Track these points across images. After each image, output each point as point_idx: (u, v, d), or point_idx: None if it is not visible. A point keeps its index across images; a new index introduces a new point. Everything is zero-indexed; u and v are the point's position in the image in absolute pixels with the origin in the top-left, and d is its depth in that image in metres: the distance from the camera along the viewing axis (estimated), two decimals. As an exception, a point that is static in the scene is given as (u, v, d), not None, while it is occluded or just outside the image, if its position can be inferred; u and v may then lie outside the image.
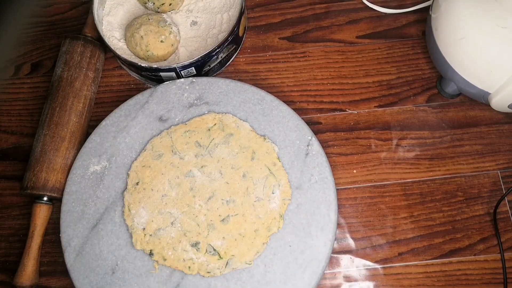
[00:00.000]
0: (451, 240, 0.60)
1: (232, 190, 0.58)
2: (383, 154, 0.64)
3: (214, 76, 0.68)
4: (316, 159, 0.59)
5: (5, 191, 0.64)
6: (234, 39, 0.65)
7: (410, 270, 0.59)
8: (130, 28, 0.64)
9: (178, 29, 0.67)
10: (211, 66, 0.65)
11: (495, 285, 0.58)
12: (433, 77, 0.67)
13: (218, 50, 0.63)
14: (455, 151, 0.64)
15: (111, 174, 0.60)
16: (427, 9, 0.68)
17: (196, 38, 0.67)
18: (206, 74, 0.66)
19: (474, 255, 0.59)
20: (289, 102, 0.65)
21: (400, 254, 0.59)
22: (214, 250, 0.56)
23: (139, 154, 0.60)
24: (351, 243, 0.60)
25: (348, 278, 0.59)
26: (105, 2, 0.68)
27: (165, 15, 0.67)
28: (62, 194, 0.60)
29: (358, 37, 0.70)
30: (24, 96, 0.69)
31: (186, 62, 0.61)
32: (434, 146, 0.64)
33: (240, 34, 0.67)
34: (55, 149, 0.61)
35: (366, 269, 0.59)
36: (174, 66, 0.61)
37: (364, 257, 0.60)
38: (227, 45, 0.64)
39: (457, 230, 0.60)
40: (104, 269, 0.56)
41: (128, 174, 0.60)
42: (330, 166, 0.59)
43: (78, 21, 0.73)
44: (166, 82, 0.63)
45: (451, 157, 0.63)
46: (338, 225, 0.61)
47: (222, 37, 0.66)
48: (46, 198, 0.60)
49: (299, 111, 0.65)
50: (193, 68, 0.63)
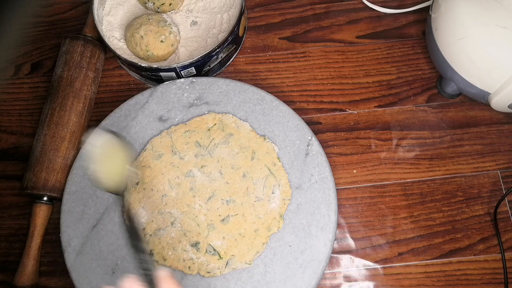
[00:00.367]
0: (451, 240, 0.60)
1: (232, 190, 0.58)
2: (383, 154, 0.64)
3: (214, 76, 0.68)
4: (316, 159, 0.59)
5: (5, 191, 0.64)
6: (234, 39, 0.65)
7: (410, 270, 0.59)
8: (130, 28, 0.64)
9: (178, 29, 0.67)
10: (211, 66, 0.65)
11: (495, 285, 0.58)
12: (433, 77, 0.67)
13: (218, 50, 0.63)
14: (455, 151, 0.64)
15: (111, 174, 0.60)
16: (427, 9, 0.68)
17: (196, 38, 0.67)
18: (206, 74, 0.66)
19: (474, 255, 0.59)
20: (289, 102, 0.65)
21: (400, 254, 0.59)
22: (214, 250, 0.56)
23: (139, 154, 0.60)
24: (351, 243, 0.60)
25: (348, 278, 0.59)
26: (105, 2, 0.68)
27: (165, 15, 0.67)
28: (62, 194, 0.60)
29: (358, 37, 0.70)
30: (24, 96, 0.69)
31: (186, 62, 0.61)
32: (434, 146, 0.64)
33: (240, 34, 0.67)
34: (55, 149, 0.61)
35: (366, 269, 0.59)
36: (174, 66, 0.61)
37: (364, 257, 0.60)
38: (227, 45, 0.64)
39: (457, 230, 0.60)
40: (104, 269, 0.56)
41: (128, 174, 0.60)
42: (330, 166, 0.59)
43: (78, 21, 0.73)
44: (166, 82, 0.63)
45: (451, 157, 0.63)
46: (338, 225, 0.61)
47: (222, 37, 0.66)
48: (46, 198, 0.60)
49: (299, 111, 0.65)
50: (193, 68, 0.63)
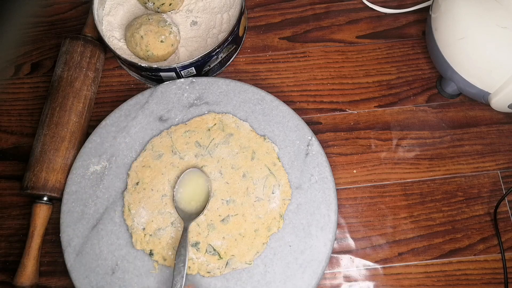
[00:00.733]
0: (451, 240, 0.60)
1: (232, 190, 0.58)
2: (383, 154, 0.64)
3: (214, 76, 0.68)
4: (316, 159, 0.59)
5: (5, 191, 0.64)
6: (234, 39, 0.65)
7: (410, 270, 0.59)
8: (130, 28, 0.64)
9: (178, 29, 0.67)
10: (211, 66, 0.65)
11: (495, 285, 0.58)
12: (433, 77, 0.67)
13: (218, 50, 0.63)
14: (455, 151, 0.64)
15: (111, 174, 0.60)
16: (427, 9, 0.68)
17: (196, 38, 0.67)
18: (206, 74, 0.66)
19: (474, 255, 0.59)
20: (289, 102, 0.65)
21: (400, 254, 0.59)
22: (214, 250, 0.56)
23: (139, 154, 0.60)
24: (351, 243, 0.60)
25: (348, 278, 0.59)
26: (105, 2, 0.68)
27: (165, 15, 0.67)
28: (62, 194, 0.60)
29: (358, 37, 0.70)
30: (24, 96, 0.69)
31: (186, 62, 0.61)
32: (434, 146, 0.64)
33: (240, 34, 0.67)
34: (55, 149, 0.61)
35: (366, 269, 0.59)
36: (174, 66, 0.61)
37: (364, 257, 0.60)
38: (227, 45, 0.64)
39: (457, 230, 0.60)
40: (104, 269, 0.56)
41: (128, 174, 0.60)
42: (330, 166, 0.59)
43: (78, 21, 0.73)
44: (166, 82, 0.63)
45: (451, 157, 0.63)
46: (338, 225, 0.61)
47: (222, 37, 0.66)
48: (46, 198, 0.60)
49: (299, 111, 0.65)
50: (193, 68, 0.63)
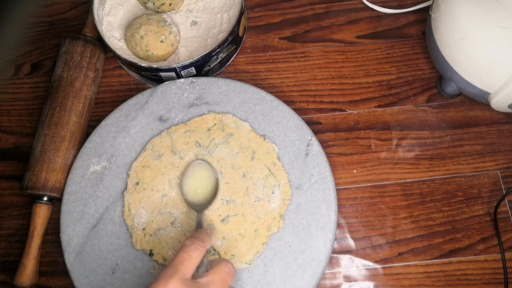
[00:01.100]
0: (451, 240, 0.60)
1: (232, 190, 0.58)
2: (383, 154, 0.64)
3: (214, 76, 0.68)
4: (316, 159, 0.59)
5: (5, 191, 0.64)
6: (234, 39, 0.65)
7: (410, 270, 0.59)
8: (130, 28, 0.64)
9: (178, 29, 0.67)
10: (211, 66, 0.65)
11: (495, 285, 0.58)
12: (433, 77, 0.67)
13: (218, 50, 0.63)
14: (455, 151, 0.64)
15: (111, 174, 0.60)
16: (427, 9, 0.68)
17: (196, 38, 0.67)
18: (206, 74, 0.66)
19: (474, 255, 0.59)
20: (289, 102, 0.65)
21: (400, 254, 0.59)
22: (214, 250, 0.56)
23: (139, 154, 0.60)
24: (351, 243, 0.60)
25: (348, 278, 0.59)
26: (105, 2, 0.68)
27: (165, 15, 0.67)
28: (62, 194, 0.60)
29: (358, 37, 0.70)
30: (24, 96, 0.69)
31: (186, 62, 0.61)
32: (434, 146, 0.64)
33: (240, 34, 0.67)
34: (55, 149, 0.61)
35: (366, 269, 0.59)
36: (174, 66, 0.61)
37: (364, 257, 0.60)
38: (227, 45, 0.64)
39: (457, 230, 0.60)
40: (104, 269, 0.56)
41: (128, 174, 0.60)
42: (330, 166, 0.59)
43: (78, 21, 0.73)
44: (166, 82, 0.63)
45: (451, 157, 0.63)
46: (338, 225, 0.61)
47: (222, 37, 0.66)
48: (46, 198, 0.60)
49: (299, 111, 0.65)
50: (193, 68, 0.63)
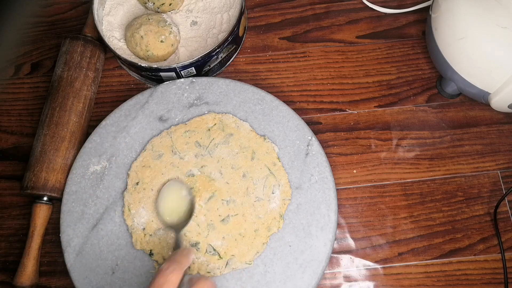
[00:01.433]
0: (451, 240, 0.60)
1: (232, 190, 0.58)
2: (383, 154, 0.64)
3: (214, 76, 0.68)
4: (316, 159, 0.59)
5: (5, 191, 0.64)
6: (234, 39, 0.65)
7: (410, 270, 0.59)
8: (130, 28, 0.64)
9: (178, 29, 0.67)
10: (211, 66, 0.65)
11: (495, 285, 0.58)
12: (433, 77, 0.67)
13: (218, 50, 0.63)
14: (455, 151, 0.64)
15: (111, 174, 0.60)
16: (427, 9, 0.68)
17: (196, 38, 0.67)
18: (206, 74, 0.66)
19: (474, 255, 0.59)
20: (289, 102, 0.65)
21: (400, 254, 0.59)
22: (214, 250, 0.56)
23: (139, 154, 0.60)
24: (351, 243, 0.60)
25: (348, 278, 0.59)
26: (105, 2, 0.68)
27: (165, 15, 0.67)
28: (62, 194, 0.60)
29: (358, 37, 0.70)
30: (24, 96, 0.69)
31: (186, 62, 0.61)
32: (434, 146, 0.64)
33: (240, 34, 0.67)
34: (55, 149, 0.61)
35: (366, 269, 0.59)
36: (174, 66, 0.61)
37: (364, 257, 0.60)
38: (227, 45, 0.64)
39: (457, 230, 0.60)
40: (104, 269, 0.56)
41: (128, 174, 0.60)
42: (330, 166, 0.59)
43: (78, 21, 0.73)
44: (166, 82, 0.63)
45: (451, 157, 0.63)
46: (338, 225, 0.61)
47: (222, 37, 0.66)
48: (46, 198, 0.60)
49: (299, 111, 0.65)
50: (193, 68, 0.63)
